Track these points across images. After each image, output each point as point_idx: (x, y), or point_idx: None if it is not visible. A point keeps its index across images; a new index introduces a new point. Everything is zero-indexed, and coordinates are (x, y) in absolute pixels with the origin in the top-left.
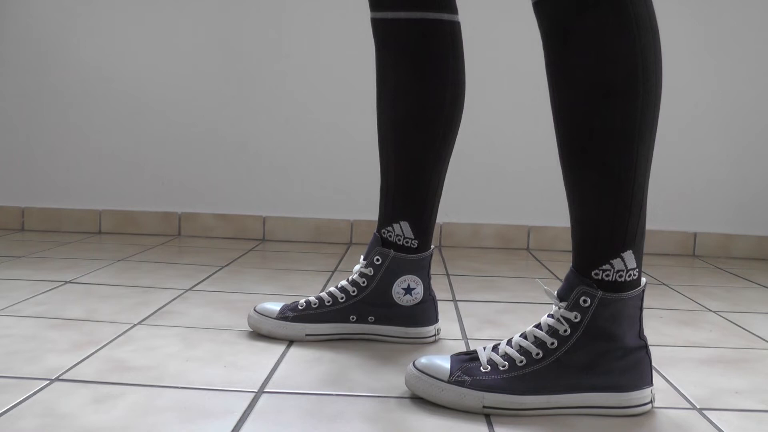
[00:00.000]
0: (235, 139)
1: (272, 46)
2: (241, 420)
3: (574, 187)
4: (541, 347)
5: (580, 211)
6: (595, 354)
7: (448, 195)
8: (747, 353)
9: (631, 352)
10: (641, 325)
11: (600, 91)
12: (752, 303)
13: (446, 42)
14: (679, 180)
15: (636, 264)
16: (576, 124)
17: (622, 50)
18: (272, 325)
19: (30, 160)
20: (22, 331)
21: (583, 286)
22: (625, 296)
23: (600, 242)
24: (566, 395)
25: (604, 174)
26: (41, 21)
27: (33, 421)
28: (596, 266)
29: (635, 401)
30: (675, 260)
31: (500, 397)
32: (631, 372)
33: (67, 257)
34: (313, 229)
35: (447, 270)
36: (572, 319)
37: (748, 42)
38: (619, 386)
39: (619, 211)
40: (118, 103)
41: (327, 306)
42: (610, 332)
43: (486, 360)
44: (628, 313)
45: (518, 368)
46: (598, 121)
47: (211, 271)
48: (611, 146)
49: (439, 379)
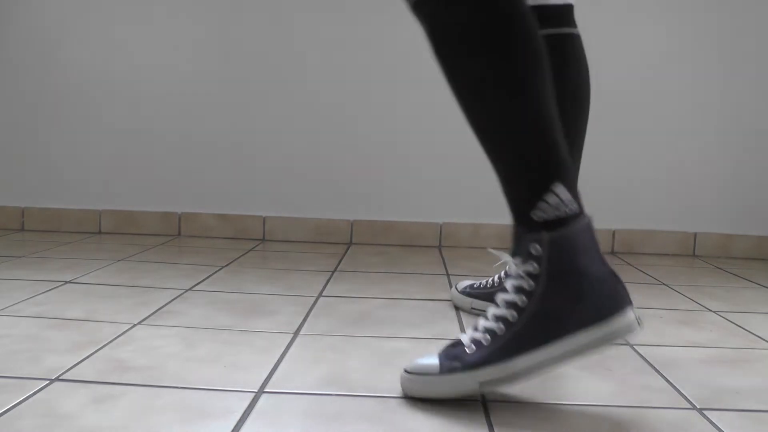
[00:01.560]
0: (235, 140)
1: (272, 46)
2: (241, 420)
3: (484, 144)
4: (513, 308)
5: (499, 165)
6: (567, 294)
7: (448, 195)
8: (747, 353)
9: (599, 281)
10: (601, 253)
11: (462, 50)
12: (752, 303)
13: None
14: (679, 180)
15: (572, 197)
16: (458, 85)
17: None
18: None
19: (30, 160)
20: (22, 331)
21: (528, 235)
22: (573, 229)
23: (527, 184)
24: (554, 345)
25: (499, 122)
26: (41, 21)
27: (33, 421)
28: (532, 206)
29: (619, 325)
30: (675, 260)
31: (492, 370)
32: (607, 299)
33: (67, 257)
34: (313, 229)
35: (447, 270)
36: (532, 270)
37: (748, 42)
38: (599, 317)
39: (532, 150)
40: (118, 103)
41: None
42: (573, 269)
43: (469, 341)
44: (583, 244)
45: (500, 337)
46: (466, 74)
47: (211, 271)
48: (488, 96)
49: (431, 374)
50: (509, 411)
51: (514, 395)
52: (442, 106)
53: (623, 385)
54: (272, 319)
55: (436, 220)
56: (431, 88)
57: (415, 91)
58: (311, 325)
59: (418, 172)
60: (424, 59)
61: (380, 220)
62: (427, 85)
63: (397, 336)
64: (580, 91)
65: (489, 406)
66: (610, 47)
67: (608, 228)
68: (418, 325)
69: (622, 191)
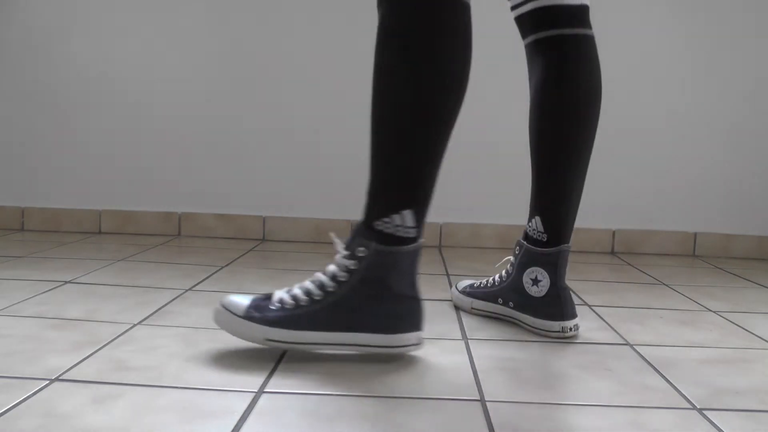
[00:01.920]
0: (235, 139)
1: (272, 45)
2: (241, 420)
3: (371, 143)
4: (321, 289)
5: (373, 169)
6: (366, 297)
7: (448, 195)
8: (747, 353)
9: (401, 300)
10: (414, 278)
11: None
12: (752, 303)
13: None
14: (679, 180)
15: (415, 224)
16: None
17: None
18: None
19: (30, 160)
20: (22, 331)
21: (361, 238)
22: (399, 250)
23: (388, 197)
24: (339, 333)
25: (384, 142)
26: (41, 21)
27: (33, 421)
28: (379, 218)
29: (398, 342)
30: (675, 260)
31: (281, 332)
32: (398, 317)
33: (67, 257)
34: (313, 229)
35: (447, 270)
36: (350, 266)
37: (748, 42)
38: (386, 328)
39: (398, 176)
40: (119, 103)
41: None
42: (382, 280)
43: (276, 299)
44: (402, 265)
45: (301, 307)
46: (375, 88)
47: (211, 271)
48: (382, 121)
49: (234, 314)
50: (509, 411)
51: (514, 395)
52: None
53: (623, 385)
54: None
55: (436, 220)
56: None
57: None
58: None
59: None
60: None
61: None
62: None
63: None
64: (589, 95)
65: (489, 406)
66: (610, 47)
67: (608, 228)
68: None
69: (622, 191)
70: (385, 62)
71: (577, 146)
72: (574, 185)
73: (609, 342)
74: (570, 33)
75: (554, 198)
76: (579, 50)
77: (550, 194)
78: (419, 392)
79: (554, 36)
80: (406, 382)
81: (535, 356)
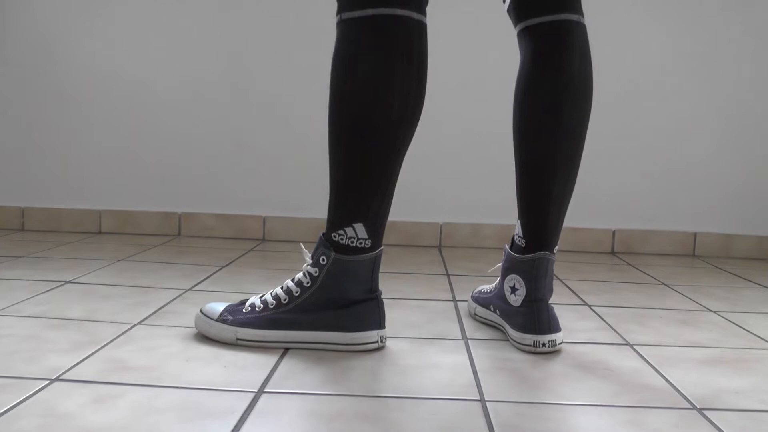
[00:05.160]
0: (235, 139)
1: (272, 45)
2: (241, 420)
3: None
4: (288, 294)
5: (330, 183)
6: (327, 301)
7: (448, 195)
8: (747, 353)
9: (359, 302)
10: (374, 283)
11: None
12: (752, 303)
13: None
14: (679, 180)
15: (367, 236)
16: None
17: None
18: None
19: (30, 160)
20: (22, 331)
21: (323, 248)
22: (354, 259)
23: (339, 212)
24: (303, 332)
25: (330, 159)
26: (42, 21)
27: (33, 421)
28: (335, 230)
29: (359, 340)
30: (675, 260)
31: (250, 332)
32: (357, 318)
33: (67, 257)
34: (313, 229)
35: (447, 270)
36: (313, 273)
37: (748, 42)
38: (345, 327)
39: (349, 193)
40: (119, 102)
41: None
42: (340, 285)
43: (248, 304)
44: (358, 272)
45: (269, 310)
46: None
47: (211, 271)
48: (329, 139)
49: (209, 318)
50: (509, 411)
51: (514, 395)
52: (441, 107)
53: (623, 385)
54: None
55: (436, 220)
56: (430, 88)
57: None
58: None
59: (418, 172)
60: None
61: None
62: (427, 86)
63: (397, 336)
64: (573, 85)
65: (489, 406)
66: (610, 48)
67: (608, 228)
68: (418, 325)
69: (622, 191)
70: (331, 81)
71: (558, 143)
72: (555, 187)
73: (609, 342)
74: (553, 19)
75: (532, 201)
76: (560, 37)
77: (527, 197)
78: (419, 392)
79: (536, 24)
80: (407, 382)
81: (535, 356)
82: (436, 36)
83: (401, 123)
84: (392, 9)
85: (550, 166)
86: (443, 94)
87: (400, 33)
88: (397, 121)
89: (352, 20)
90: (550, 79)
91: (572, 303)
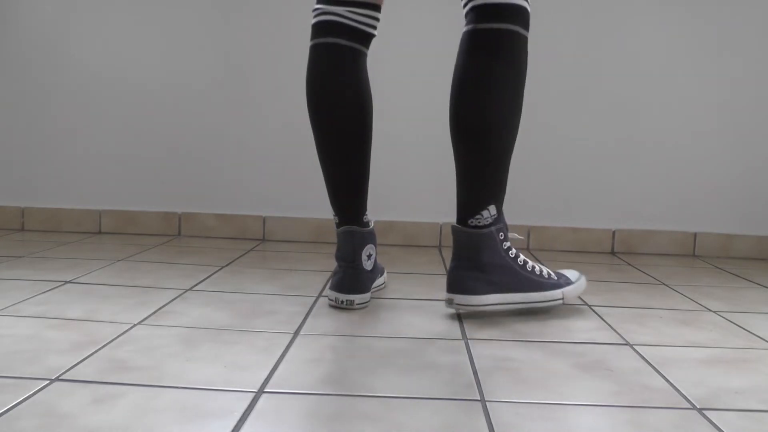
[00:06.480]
0: (235, 139)
1: (272, 45)
2: (241, 420)
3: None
4: None
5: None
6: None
7: (447, 195)
8: (747, 353)
9: (337, 271)
10: (350, 255)
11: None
12: (752, 303)
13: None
14: (679, 180)
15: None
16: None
17: None
18: None
19: (30, 160)
20: (22, 331)
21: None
22: (339, 232)
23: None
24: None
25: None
26: (42, 21)
27: (33, 421)
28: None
29: (331, 297)
30: (675, 260)
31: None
32: (336, 284)
33: (67, 257)
34: (313, 229)
35: (447, 270)
36: None
37: (748, 42)
38: (331, 287)
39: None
40: (119, 103)
41: None
42: (337, 255)
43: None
44: (341, 246)
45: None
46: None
47: (211, 271)
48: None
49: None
50: (509, 411)
51: (514, 395)
52: (440, 107)
53: (623, 385)
54: (272, 319)
55: (435, 220)
56: (429, 88)
57: (413, 91)
58: (311, 325)
59: (417, 172)
60: (423, 59)
61: (380, 220)
62: (426, 86)
63: (397, 336)
64: (463, 80)
65: (489, 406)
66: (610, 48)
67: (608, 228)
68: (418, 325)
69: (622, 191)
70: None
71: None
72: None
73: (609, 342)
74: (484, 27)
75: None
76: (476, 39)
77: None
78: (419, 392)
79: (469, 30)
80: (406, 382)
81: (535, 356)
82: (427, 37)
83: (337, 137)
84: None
85: None
86: (440, 94)
87: (334, 59)
88: (333, 136)
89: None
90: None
91: (572, 303)
